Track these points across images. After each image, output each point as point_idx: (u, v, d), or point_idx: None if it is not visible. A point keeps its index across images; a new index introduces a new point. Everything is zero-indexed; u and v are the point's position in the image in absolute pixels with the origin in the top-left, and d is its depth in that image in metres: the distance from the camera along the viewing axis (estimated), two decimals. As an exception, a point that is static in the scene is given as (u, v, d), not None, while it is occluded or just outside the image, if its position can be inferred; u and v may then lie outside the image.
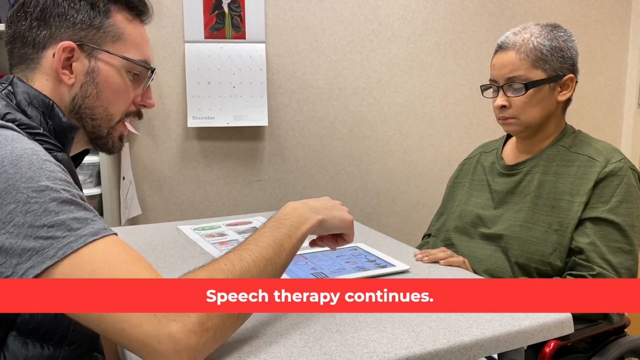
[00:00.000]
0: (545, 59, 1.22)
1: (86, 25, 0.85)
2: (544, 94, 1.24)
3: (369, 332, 0.81)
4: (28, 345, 0.74)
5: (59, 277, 0.62)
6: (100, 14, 0.86)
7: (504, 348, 0.82)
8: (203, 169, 2.11)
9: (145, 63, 0.92)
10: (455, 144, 2.38)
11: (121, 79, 0.89)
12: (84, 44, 0.85)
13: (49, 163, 0.69)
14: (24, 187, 0.64)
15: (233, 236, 1.40)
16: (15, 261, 0.62)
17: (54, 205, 0.65)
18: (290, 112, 2.16)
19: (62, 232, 0.63)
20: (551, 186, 1.24)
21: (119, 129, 0.94)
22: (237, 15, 2.02)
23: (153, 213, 2.08)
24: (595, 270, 1.14)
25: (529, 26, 1.27)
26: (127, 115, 0.94)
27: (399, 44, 2.24)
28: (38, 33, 0.85)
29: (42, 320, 0.75)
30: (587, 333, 1.19)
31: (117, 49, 0.88)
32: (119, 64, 0.88)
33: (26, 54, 0.86)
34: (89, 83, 0.87)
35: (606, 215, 1.16)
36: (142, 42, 0.92)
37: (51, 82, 0.85)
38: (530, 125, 1.27)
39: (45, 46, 0.85)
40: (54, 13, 0.84)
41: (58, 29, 0.84)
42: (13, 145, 0.68)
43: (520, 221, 1.26)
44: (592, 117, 2.53)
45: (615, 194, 1.17)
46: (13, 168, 0.65)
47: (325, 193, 2.23)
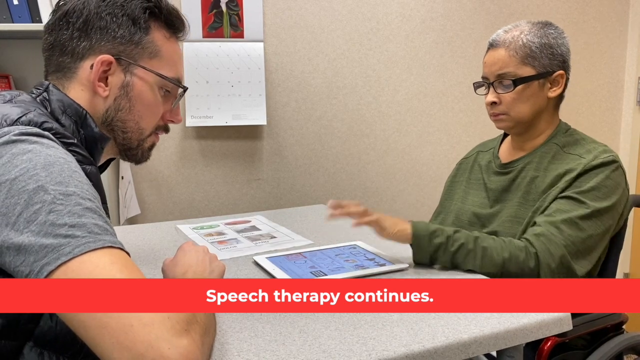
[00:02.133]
0: (534, 55, 1.23)
1: (126, 40, 0.88)
2: (533, 90, 1.25)
3: (367, 330, 0.81)
4: (44, 356, 0.74)
5: (71, 274, 0.61)
6: (141, 30, 0.89)
7: (503, 345, 0.83)
8: (202, 168, 2.11)
9: (178, 81, 0.95)
10: (454, 142, 2.38)
11: (153, 94, 0.92)
12: (121, 58, 0.88)
13: (78, 174, 0.71)
14: (52, 189, 0.65)
15: (232, 235, 1.41)
16: (32, 258, 0.62)
17: (78, 209, 0.65)
18: (288, 111, 2.16)
19: (82, 232, 0.64)
20: (540, 181, 1.25)
21: (150, 140, 0.97)
22: (235, 14, 2.02)
23: (152, 212, 2.08)
24: (538, 230, 1.12)
25: (520, 24, 1.28)
26: (156, 129, 0.97)
27: (397, 43, 2.24)
28: (78, 43, 0.86)
29: (60, 332, 0.75)
30: (585, 330, 1.20)
31: (153, 66, 0.90)
32: (153, 80, 0.91)
33: (64, 62, 0.88)
34: (123, 97, 0.89)
35: (576, 195, 1.16)
36: (177, 60, 0.95)
37: (86, 93, 0.88)
38: (520, 121, 1.28)
39: (83, 57, 0.87)
40: (96, 26, 0.86)
41: (98, 41, 0.87)
42: (48, 152, 0.70)
43: (510, 217, 1.27)
44: (590, 114, 2.53)
45: (592, 181, 1.16)
46: (45, 171, 0.67)
47: (324, 191, 2.24)
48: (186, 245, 0.97)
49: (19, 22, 1.71)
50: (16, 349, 0.73)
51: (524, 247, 1.11)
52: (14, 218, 0.64)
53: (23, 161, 0.67)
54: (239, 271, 1.11)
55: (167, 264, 0.93)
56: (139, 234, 1.43)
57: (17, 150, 0.69)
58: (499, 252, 1.09)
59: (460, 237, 1.11)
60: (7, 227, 0.63)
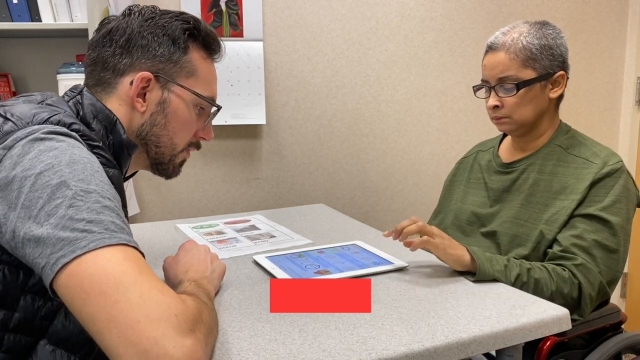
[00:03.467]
0: (535, 57, 1.23)
1: (165, 59, 0.92)
2: (535, 92, 1.25)
3: (367, 329, 0.81)
4: (56, 354, 0.76)
5: (85, 267, 0.61)
6: (179, 50, 0.93)
7: (502, 345, 0.83)
8: (201, 167, 2.11)
9: (212, 100, 0.98)
10: (453, 141, 2.38)
11: (189, 112, 0.95)
12: (160, 75, 0.91)
13: (100, 174, 0.73)
14: (74, 185, 0.67)
15: (231, 234, 1.41)
16: (49, 250, 0.63)
17: (97, 206, 0.67)
18: (288, 110, 2.16)
19: (99, 228, 0.65)
20: (546, 185, 1.24)
21: (181, 156, 1.00)
22: (234, 13, 2.02)
23: (151, 211, 2.08)
24: (577, 260, 1.13)
25: (518, 25, 1.27)
26: (188, 145, 1.00)
27: (397, 42, 2.24)
28: (120, 60, 0.90)
29: (73, 331, 0.76)
30: (584, 329, 1.20)
31: (190, 84, 0.94)
32: (189, 98, 0.95)
33: (105, 77, 0.92)
34: (159, 113, 0.93)
35: (599, 212, 1.16)
36: (212, 80, 0.99)
37: (124, 107, 0.91)
38: (523, 124, 1.27)
39: (124, 73, 0.91)
40: (138, 44, 0.90)
41: (139, 59, 0.91)
42: (73, 151, 0.72)
43: (511, 218, 1.27)
44: (589, 114, 2.54)
45: (610, 194, 1.17)
46: (68, 168, 0.69)
47: (323, 191, 2.24)
48: (188, 244, 0.98)
49: (19, 20, 1.70)
50: (30, 345, 0.75)
51: (568, 279, 1.12)
52: (36, 211, 0.65)
53: (49, 157, 0.69)
54: (239, 270, 1.11)
55: (168, 263, 0.95)
56: (138, 233, 1.43)
57: (44, 147, 0.71)
58: (548, 286, 1.11)
59: (513, 269, 1.09)
60: (30, 220, 0.65)
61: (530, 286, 1.09)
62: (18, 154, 0.70)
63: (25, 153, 0.70)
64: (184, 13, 0.95)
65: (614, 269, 1.16)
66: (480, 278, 1.03)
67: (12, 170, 0.68)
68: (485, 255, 1.08)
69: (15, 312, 0.73)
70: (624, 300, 2.66)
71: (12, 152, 0.70)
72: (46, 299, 0.74)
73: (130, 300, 0.60)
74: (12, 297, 0.72)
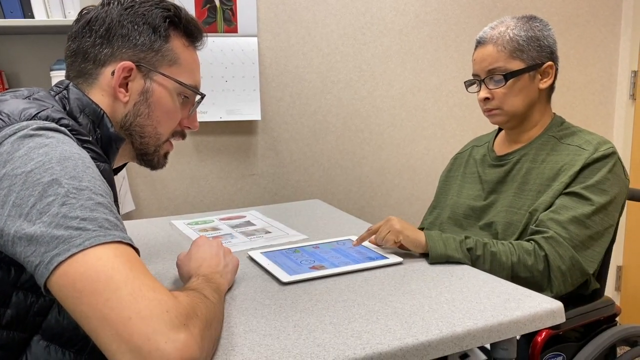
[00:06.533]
0: (522, 48, 1.24)
1: (146, 48, 0.90)
2: (524, 82, 1.26)
3: (362, 323, 0.82)
4: (50, 349, 0.76)
5: (79, 266, 0.61)
6: (161, 38, 0.91)
7: (497, 338, 0.83)
8: (196, 163, 2.11)
9: (196, 88, 0.97)
10: (448, 136, 2.38)
11: (172, 101, 0.94)
12: (142, 65, 0.90)
13: (92, 170, 0.72)
14: (66, 183, 0.67)
15: (226, 230, 1.41)
16: (43, 249, 0.63)
17: (90, 204, 0.66)
18: (283, 106, 2.15)
19: (93, 226, 0.65)
20: (539, 172, 1.25)
21: (165, 147, 0.99)
22: (228, 8, 2.01)
23: (146, 208, 2.08)
24: (548, 233, 1.13)
25: (506, 20, 1.29)
26: (173, 135, 1.00)
27: (392, 37, 2.23)
28: (100, 50, 0.89)
29: (67, 327, 0.76)
30: (579, 322, 1.20)
31: (172, 73, 0.93)
32: (172, 86, 0.93)
33: (86, 68, 0.90)
34: (142, 102, 0.92)
35: (580, 190, 1.16)
36: (195, 68, 0.98)
37: (107, 98, 0.90)
38: (514, 115, 1.29)
39: (105, 63, 0.90)
40: (118, 33, 0.89)
41: (120, 48, 0.89)
42: (63, 147, 0.71)
43: (506, 207, 1.27)
44: (584, 108, 2.54)
45: (596, 175, 1.17)
46: (59, 165, 0.68)
47: (319, 186, 2.24)
48: (200, 240, 0.99)
49: (11, 17, 1.69)
50: (24, 341, 0.75)
51: (532, 250, 1.12)
52: (27, 209, 0.65)
53: (39, 155, 0.68)
54: (234, 266, 1.11)
55: (181, 259, 0.95)
56: (133, 230, 1.43)
57: (34, 144, 0.70)
58: (507, 256, 1.11)
59: (468, 243, 1.12)
60: (21, 218, 0.64)
61: (486, 259, 1.11)
62: (7, 151, 0.69)
63: (14, 150, 0.69)
64: (163, 1, 0.93)
65: (589, 246, 1.14)
66: (434, 260, 1.10)
67: (2, 168, 0.68)
68: (442, 236, 1.12)
69: (7, 309, 0.72)
70: (619, 293, 2.68)
71: (1, 150, 0.69)
72: (39, 294, 0.74)
73: (121, 297, 0.60)
74: (4, 293, 0.72)
